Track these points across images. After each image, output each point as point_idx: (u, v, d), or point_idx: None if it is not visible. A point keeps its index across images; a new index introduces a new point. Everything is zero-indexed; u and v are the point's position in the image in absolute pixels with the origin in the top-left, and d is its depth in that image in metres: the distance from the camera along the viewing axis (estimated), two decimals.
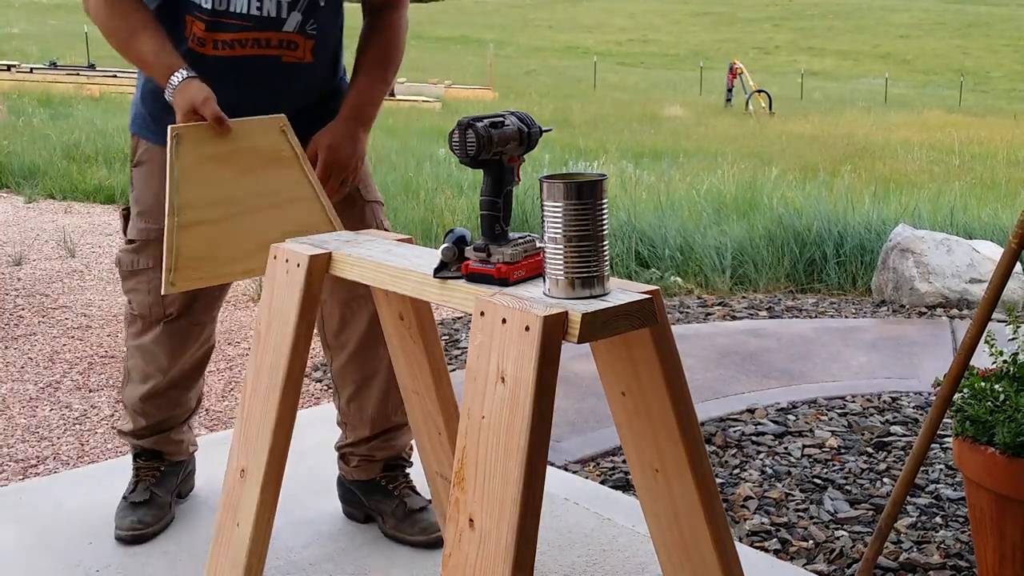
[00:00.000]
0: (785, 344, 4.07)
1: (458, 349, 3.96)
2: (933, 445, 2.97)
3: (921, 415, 3.25)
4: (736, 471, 2.82)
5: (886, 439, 3.03)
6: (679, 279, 5.24)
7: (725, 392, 3.49)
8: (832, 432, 3.10)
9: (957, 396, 2.07)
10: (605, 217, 1.27)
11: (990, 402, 2.01)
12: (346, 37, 2.28)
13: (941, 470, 2.82)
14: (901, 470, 2.60)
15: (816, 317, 4.62)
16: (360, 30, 2.24)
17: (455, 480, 1.26)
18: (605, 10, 75.74)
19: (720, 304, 4.83)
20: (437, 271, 1.41)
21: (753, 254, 5.43)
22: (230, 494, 1.69)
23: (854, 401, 3.39)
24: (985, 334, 2.03)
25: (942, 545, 2.39)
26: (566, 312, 1.22)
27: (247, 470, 1.65)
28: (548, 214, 1.27)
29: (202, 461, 2.56)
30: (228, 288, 2.34)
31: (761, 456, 2.92)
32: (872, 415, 3.26)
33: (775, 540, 2.42)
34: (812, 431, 3.11)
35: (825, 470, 2.83)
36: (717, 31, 64.96)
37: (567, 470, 2.80)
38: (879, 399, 3.41)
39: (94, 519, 2.36)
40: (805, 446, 2.99)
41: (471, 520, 1.24)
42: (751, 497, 2.64)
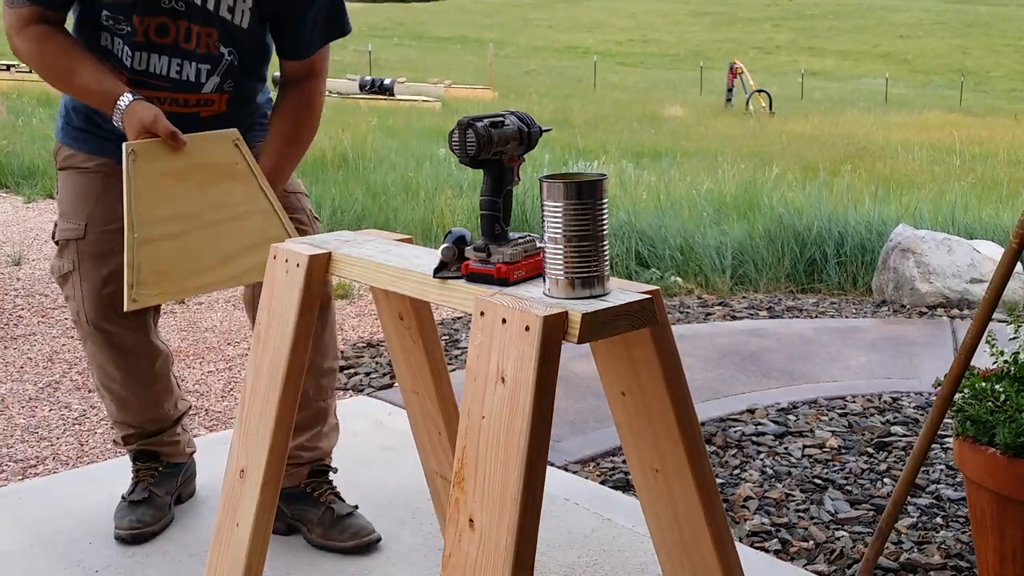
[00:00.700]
0: (785, 344, 4.07)
1: (458, 349, 3.96)
2: (934, 445, 2.96)
3: (922, 415, 3.25)
4: (736, 471, 2.82)
5: (886, 439, 3.03)
6: (679, 279, 5.24)
7: (725, 392, 3.49)
8: (832, 432, 3.10)
9: (958, 396, 2.07)
10: (605, 217, 1.27)
11: (991, 402, 2.00)
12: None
13: (942, 470, 2.82)
14: (902, 470, 2.60)
15: (816, 317, 4.62)
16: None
17: (455, 480, 1.26)
18: (605, 10, 75.74)
19: (720, 304, 4.83)
20: (437, 271, 1.41)
21: (753, 254, 5.43)
22: (230, 494, 1.69)
23: (854, 401, 3.39)
24: (986, 334, 2.02)
25: (943, 545, 2.39)
26: (566, 312, 1.22)
27: (247, 470, 1.65)
28: (548, 214, 1.27)
29: (202, 461, 2.56)
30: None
31: (761, 456, 2.92)
32: (873, 415, 3.26)
33: (775, 540, 2.41)
34: (812, 431, 3.11)
35: (825, 470, 2.83)
36: (717, 31, 64.96)
37: (567, 470, 2.80)
38: (880, 399, 3.41)
39: (94, 519, 2.36)
40: (805, 446, 2.99)
41: (471, 520, 1.24)
42: (751, 497, 2.64)
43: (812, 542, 2.42)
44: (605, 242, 1.28)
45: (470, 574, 1.23)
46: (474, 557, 1.23)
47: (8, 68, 18.32)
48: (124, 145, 1.91)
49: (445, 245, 1.40)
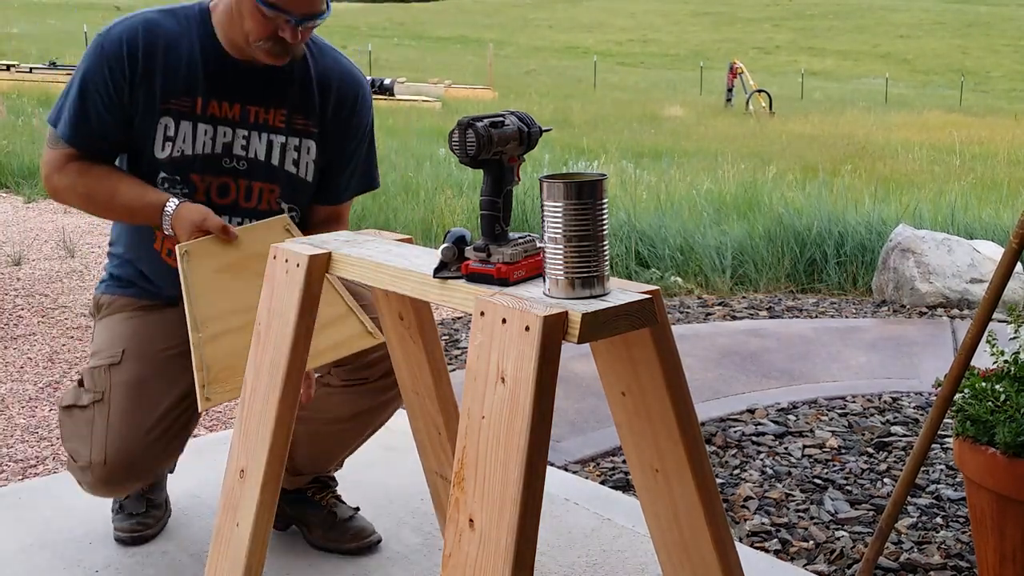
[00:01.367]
0: (785, 344, 4.07)
1: (458, 349, 3.96)
2: (934, 445, 2.96)
3: (922, 415, 3.25)
4: (736, 471, 2.82)
5: (886, 439, 3.03)
6: (679, 279, 5.24)
7: (725, 392, 3.49)
8: (832, 432, 3.10)
9: (958, 396, 2.07)
10: (605, 217, 1.27)
11: (991, 402, 2.00)
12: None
13: (942, 470, 2.82)
14: (902, 470, 2.60)
15: (816, 317, 4.62)
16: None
17: (455, 480, 1.26)
18: (605, 10, 75.75)
19: (720, 304, 4.83)
20: (437, 271, 1.40)
21: (753, 254, 5.43)
22: (230, 494, 1.69)
23: (854, 401, 3.39)
24: (986, 334, 2.02)
25: (943, 545, 2.39)
26: (566, 312, 1.22)
27: (247, 470, 1.65)
28: (548, 214, 1.27)
29: (202, 461, 2.56)
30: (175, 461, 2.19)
31: (761, 456, 2.92)
32: (872, 415, 3.26)
33: (775, 540, 2.41)
34: (812, 431, 3.11)
35: (825, 470, 2.83)
36: (717, 31, 64.96)
37: (567, 470, 2.80)
38: (880, 399, 3.41)
39: (94, 519, 2.35)
40: (805, 446, 2.99)
41: (471, 520, 1.24)
42: (751, 497, 2.64)
43: (812, 542, 2.42)
44: (605, 242, 1.28)
45: (470, 574, 1.23)
46: (474, 557, 1.23)
47: (8, 68, 18.32)
48: (177, 247, 1.88)
49: (445, 245, 1.39)
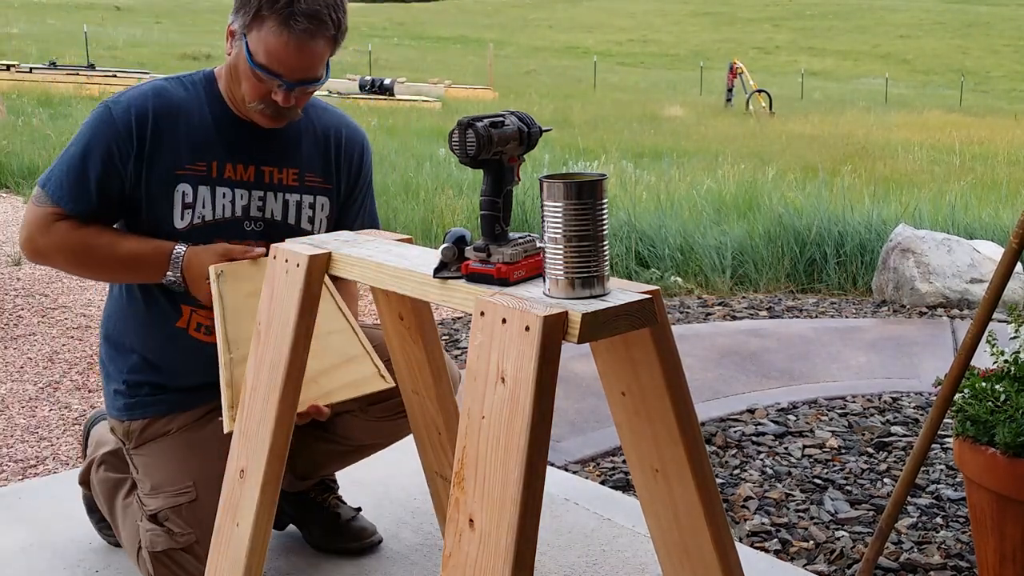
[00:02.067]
0: (785, 344, 4.07)
1: (458, 349, 3.96)
2: (934, 445, 2.96)
3: (922, 415, 3.25)
4: (736, 471, 2.82)
5: (886, 439, 3.03)
6: (679, 279, 5.24)
7: (725, 392, 3.49)
8: (832, 432, 3.10)
9: (958, 396, 2.07)
10: (605, 217, 1.27)
11: (991, 402, 2.00)
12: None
13: (942, 470, 2.82)
14: (902, 470, 2.60)
15: (816, 317, 4.62)
16: None
17: (455, 480, 1.26)
18: (605, 10, 75.76)
19: (720, 304, 4.83)
20: (437, 271, 1.40)
21: (753, 254, 5.43)
22: (230, 494, 1.69)
23: (854, 401, 3.39)
24: (986, 334, 2.02)
25: (943, 545, 2.39)
26: (566, 312, 1.22)
27: (247, 470, 1.65)
28: (548, 214, 1.27)
29: None
30: None
31: (761, 456, 2.92)
32: (872, 415, 3.26)
33: (775, 540, 2.41)
34: (812, 431, 3.11)
35: (825, 470, 2.83)
36: (717, 31, 64.96)
37: (567, 470, 2.80)
38: (880, 399, 3.41)
39: None
40: (805, 446, 2.99)
41: (471, 520, 1.24)
42: (751, 497, 2.64)
43: (812, 542, 2.42)
44: (605, 242, 1.28)
45: (470, 574, 1.23)
46: (474, 557, 1.23)
47: (8, 68, 18.31)
48: (212, 268, 1.85)
49: (445, 245, 1.39)
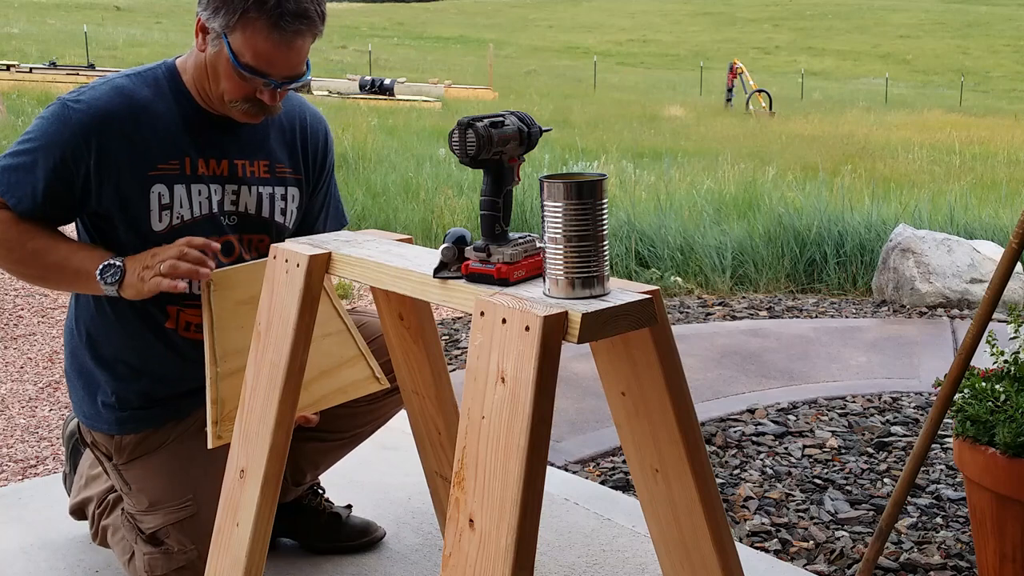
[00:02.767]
0: (785, 344, 4.07)
1: (458, 349, 3.96)
2: (934, 445, 2.96)
3: (922, 415, 3.25)
4: (736, 471, 2.82)
5: (886, 439, 3.03)
6: (679, 279, 5.24)
7: (725, 392, 3.49)
8: (832, 432, 3.10)
9: (958, 396, 2.07)
10: (605, 217, 1.27)
11: (991, 402, 2.00)
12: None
13: (942, 470, 2.82)
14: (902, 470, 2.60)
15: (816, 317, 4.62)
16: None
17: (455, 480, 1.26)
18: (605, 10, 75.77)
19: (720, 304, 4.83)
20: (437, 271, 1.40)
21: (753, 254, 5.43)
22: (230, 494, 1.69)
23: (854, 401, 3.39)
24: (986, 334, 2.02)
25: (943, 545, 2.39)
26: (566, 312, 1.22)
27: (247, 470, 1.65)
28: (548, 214, 1.27)
29: None
30: None
31: (761, 456, 2.92)
32: (872, 415, 3.26)
33: (775, 540, 2.41)
34: (812, 431, 3.11)
35: (825, 470, 2.83)
36: (717, 31, 64.97)
37: (567, 470, 2.80)
38: (879, 399, 3.41)
39: None
40: (805, 446, 2.99)
41: (471, 520, 1.24)
42: (751, 497, 2.64)
43: (812, 542, 2.42)
44: (605, 242, 1.28)
45: (470, 574, 1.23)
46: (474, 557, 1.23)
47: (8, 68, 18.31)
48: (203, 282, 1.77)
49: (445, 245, 1.39)
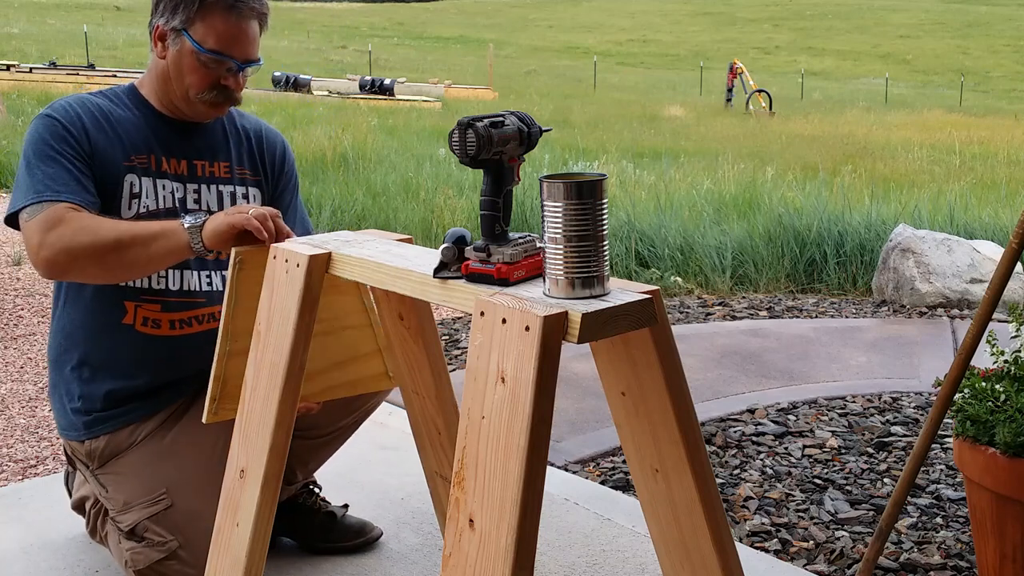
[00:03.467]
0: (785, 344, 4.07)
1: (458, 349, 3.96)
2: (934, 445, 2.96)
3: (922, 415, 3.25)
4: (736, 471, 2.82)
5: (886, 439, 3.03)
6: (679, 279, 5.24)
7: (725, 392, 3.49)
8: (832, 432, 3.10)
9: (958, 396, 2.07)
10: (605, 217, 1.27)
11: (991, 402, 2.00)
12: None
13: (942, 470, 2.82)
14: (902, 470, 2.60)
15: (816, 317, 4.62)
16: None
17: (455, 480, 1.26)
18: (605, 10, 75.77)
19: (720, 304, 4.83)
20: (437, 271, 1.40)
21: (753, 254, 5.43)
22: (230, 494, 1.69)
23: (854, 401, 3.39)
24: (986, 334, 2.02)
25: (943, 545, 2.39)
26: (566, 312, 1.22)
27: (247, 470, 1.65)
28: (548, 214, 1.27)
29: None
30: None
31: (761, 456, 2.92)
32: (872, 415, 3.26)
33: (775, 540, 2.41)
34: (812, 431, 3.11)
35: (825, 470, 2.83)
36: (717, 31, 64.97)
37: (567, 470, 2.80)
38: (879, 399, 3.41)
39: None
40: (805, 446, 2.99)
41: (471, 520, 1.24)
42: (751, 497, 2.64)
43: (812, 542, 2.42)
44: (605, 242, 1.28)
45: (470, 574, 1.23)
46: (474, 557, 1.23)
47: (8, 68, 18.31)
48: (233, 251, 1.74)
49: (445, 245, 1.39)
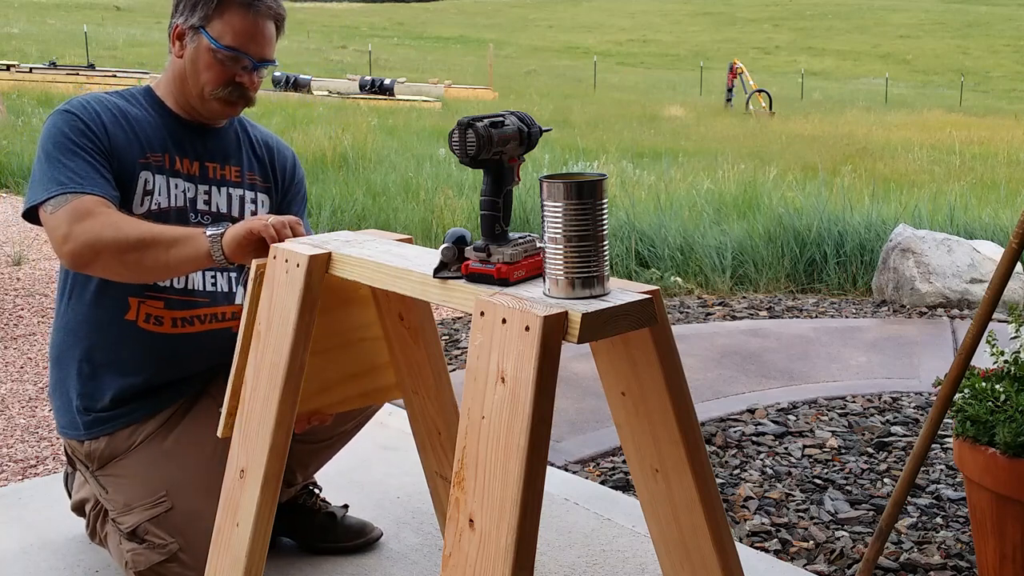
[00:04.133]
0: (785, 344, 4.07)
1: (458, 349, 3.96)
2: (934, 445, 2.96)
3: (922, 415, 3.25)
4: (736, 471, 2.82)
5: (886, 439, 3.03)
6: (679, 279, 5.24)
7: (725, 392, 3.49)
8: (832, 432, 3.10)
9: (958, 396, 2.07)
10: (605, 217, 1.27)
11: (991, 402, 2.00)
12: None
13: (942, 470, 2.82)
14: (901, 470, 2.60)
15: (816, 317, 4.62)
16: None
17: (455, 480, 1.26)
18: (605, 10, 75.78)
19: (720, 304, 4.83)
20: (437, 271, 1.41)
21: (753, 254, 5.43)
22: (230, 494, 1.69)
23: (854, 401, 3.39)
24: (986, 334, 2.02)
25: (943, 545, 2.39)
26: (566, 312, 1.22)
27: (247, 470, 1.65)
28: (548, 214, 1.27)
29: None
30: None
31: (761, 456, 2.92)
32: (872, 415, 3.26)
33: (775, 540, 2.41)
34: (812, 431, 3.11)
35: (825, 470, 2.83)
36: (717, 31, 64.98)
37: (567, 470, 2.80)
38: (879, 399, 3.41)
39: None
40: (805, 446, 2.99)
41: (471, 520, 1.24)
42: (751, 497, 2.64)
43: (812, 542, 2.42)
44: (605, 242, 1.28)
45: (470, 574, 1.23)
46: (474, 557, 1.23)
47: (8, 68, 18.31)
48: (253, 263, 1.70)
49: (445, 245, 1.39)
